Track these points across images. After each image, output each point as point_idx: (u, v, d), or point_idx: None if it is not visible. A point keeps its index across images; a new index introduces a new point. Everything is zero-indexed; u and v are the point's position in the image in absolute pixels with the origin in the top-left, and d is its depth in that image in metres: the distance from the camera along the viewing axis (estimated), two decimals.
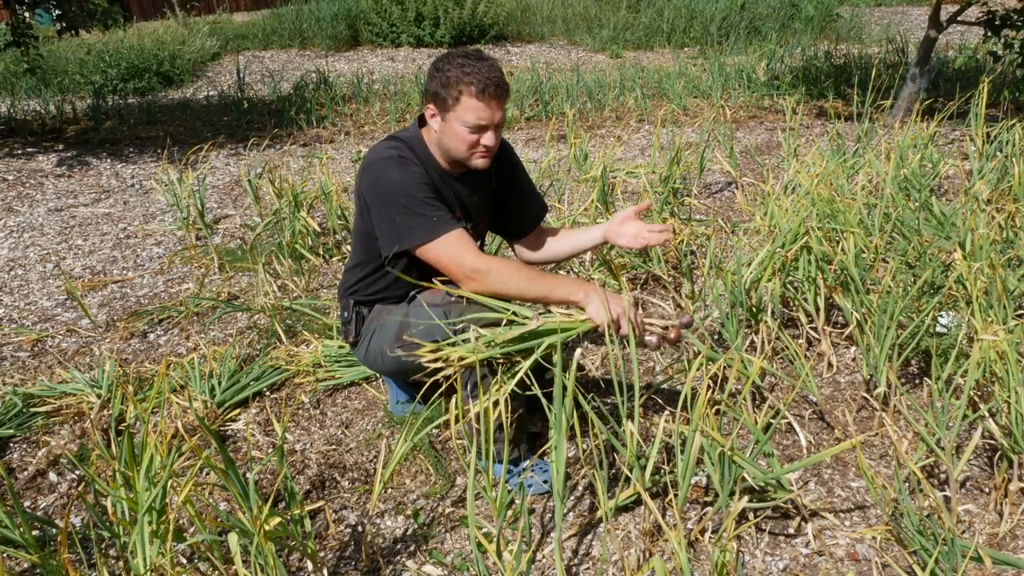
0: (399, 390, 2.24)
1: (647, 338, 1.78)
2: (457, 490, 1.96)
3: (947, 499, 1.81)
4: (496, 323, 1.76)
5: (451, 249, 1.80)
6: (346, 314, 2.07)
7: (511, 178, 2.11)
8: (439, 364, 1.73)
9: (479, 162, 1.89)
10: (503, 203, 2.13)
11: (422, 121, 1.97)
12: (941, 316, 2.30)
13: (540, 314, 1.79)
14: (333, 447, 2.16)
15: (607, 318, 1.70)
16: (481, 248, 2.17)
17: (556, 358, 1.66)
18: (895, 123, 4.80)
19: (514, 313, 1.76)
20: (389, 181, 1.83)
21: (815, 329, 2.53)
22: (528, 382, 1.72)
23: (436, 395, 1.83)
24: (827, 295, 2.39)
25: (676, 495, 1.77)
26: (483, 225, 2.12)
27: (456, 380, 1.87)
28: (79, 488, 1.97)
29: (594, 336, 2.68)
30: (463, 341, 1.72)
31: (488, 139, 1.84)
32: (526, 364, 1.70)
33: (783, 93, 6.29)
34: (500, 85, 1.81)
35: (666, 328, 1.77)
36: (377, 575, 1.70)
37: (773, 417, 2.14)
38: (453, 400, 1.67)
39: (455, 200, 1.97)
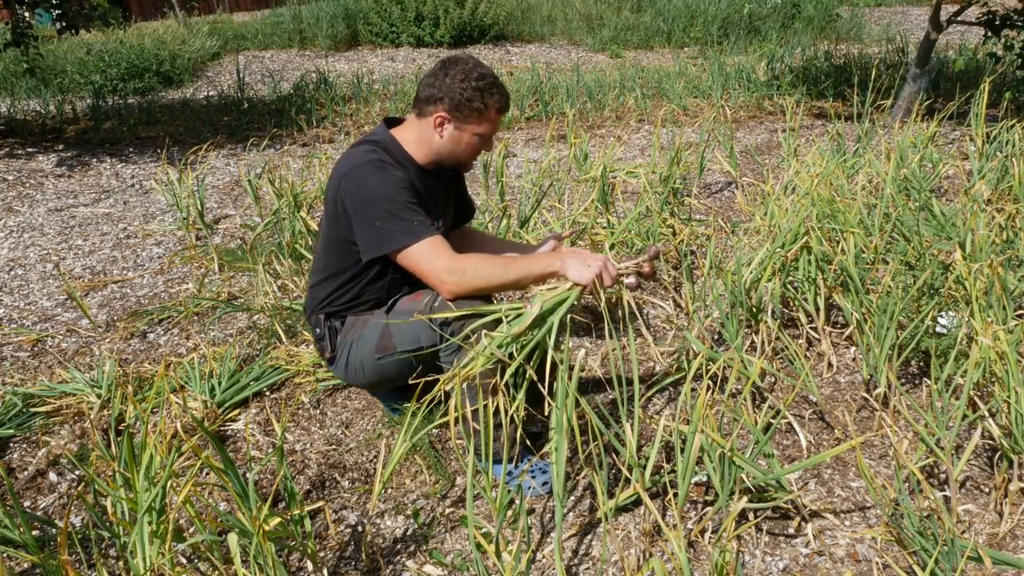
0: (390, 397, 2.22)
1: (627, 280, 1.86)
2: (457, 490, 1.96)
3: (947, 499, 1.81)
4: (492, 324, 1.76)
5: (427, 254, 1.81)
6: (319, 331, 2.03)
7: (457, 175, 2.17)
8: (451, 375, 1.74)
9: (471, 164, 2.04)
10: (455, 199, 2.17)
11: (390, 123, 1.99)
12: (941, 316, 2.30)
13: (524, 296, 1.79)
14: (333, 447, 2.16)
15: (590, 276, 1.75)
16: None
17: (563, 353, 1.66)
18: (895, 123, 4.80)
19: (505, 312, 1.76)
20: (370, 186, 1.82)
21: (815, 329, 2.53)
22: (536, 377, 1.73)
23: (430, 396, 1.83)
24: (827, 295, 2.39)
25: (676, 495, 1.77)
26: (447, 221, 2.12)
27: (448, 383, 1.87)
28: (79, 488, 1.97)
29: (596, 334, 2.69)
30: (475, 345, 1.73)
31: (489, 147, 2.00)
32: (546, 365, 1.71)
33: (783, 93, 6.29)
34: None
35: (639, 265, 1.85)
36: (377, 575, 1.70)
37: (773, 417, 2.14)
38: (452, 401, 1.67)
39: (429, 198, 1.98)
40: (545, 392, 1.68)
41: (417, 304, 1.85)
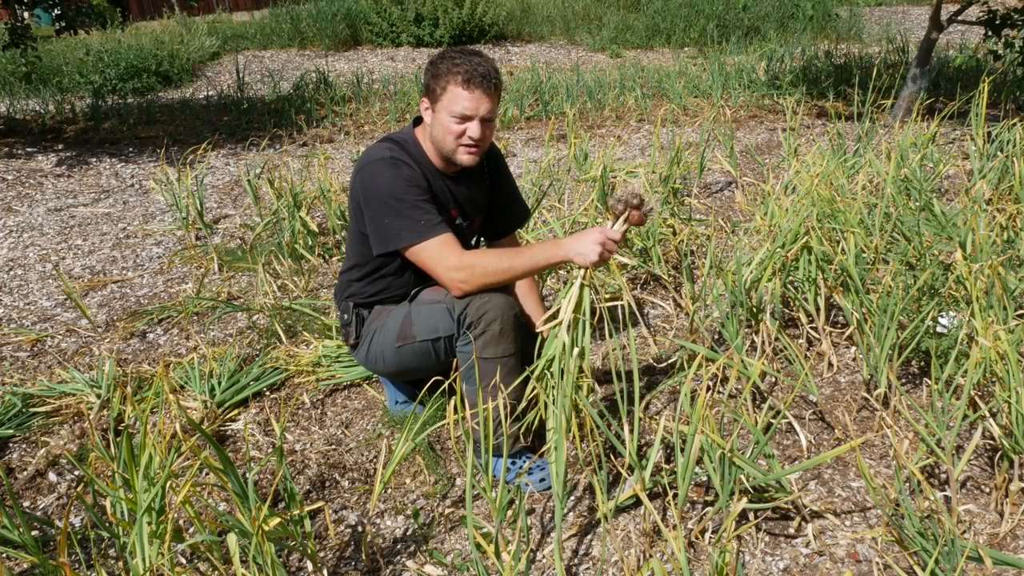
0: (398, 391, 2.24)
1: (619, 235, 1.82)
2: (457, 490, 1.96)
3: (947, 499, 1.81)
4: (510, 316, 1.80)
5: (436, 253, 1.82)
6: (346, 316, 2.07)
7: (500, 178, 2.14)
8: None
9: (465, 157, 1.89)
10: (493, 203, 2.15)
11: (417, 122, 1.99)
12: (941, 316, 2.30)
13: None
14: (333, 447, 2.15)
15: (594, 258, 1.73)
16: (475, 247, 2.18)
17: (569, 352, 1.66)
18: (895, 123, 4.79)
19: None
20: (380, 183, 1.85)
21: (815, 329, 2.53)
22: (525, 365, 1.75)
23: (436, 395, 1.83)
24: (827, 295, 2.39)
25: (676, 496, 1.76)
26: (477, 223, 2.13)
27: (456, 380, 1.88)
28: (78, 488, 1.97)
29: (596, 334, 2.68)
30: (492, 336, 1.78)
31: (473, 130, 1.84)
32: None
33: (783, 93, 6.29)
34: (487, 76, 1.82)
35: (629, 221, 1.78)
36: (377, 575, 1.70)
37: (773, 417, 2.14)
38: (453, 401, 1.67)
39: (451, 199, 1.98)
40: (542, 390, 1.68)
41: (440, 295, 1.88)
